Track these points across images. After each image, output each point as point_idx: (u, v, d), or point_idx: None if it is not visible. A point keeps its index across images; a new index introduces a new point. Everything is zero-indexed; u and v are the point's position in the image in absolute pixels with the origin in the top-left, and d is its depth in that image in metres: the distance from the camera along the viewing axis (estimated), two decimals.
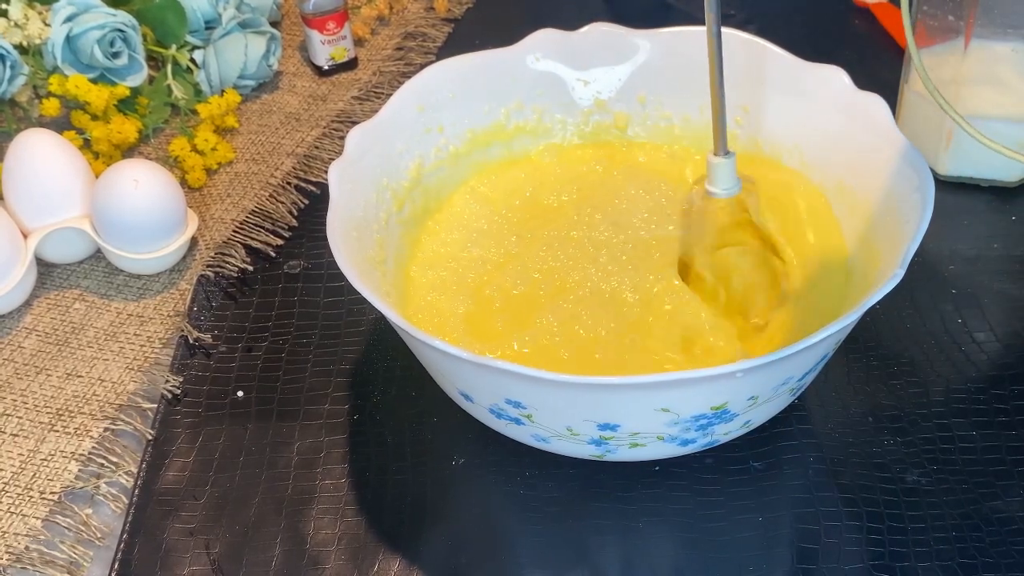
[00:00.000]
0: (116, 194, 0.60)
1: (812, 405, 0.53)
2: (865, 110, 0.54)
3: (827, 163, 0.56)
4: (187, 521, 0.50)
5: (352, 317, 0.60)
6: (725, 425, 0.46)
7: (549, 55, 0.60)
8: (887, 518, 0.48)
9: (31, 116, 0.74)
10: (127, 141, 0.71)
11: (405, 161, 0.57)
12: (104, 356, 0.59)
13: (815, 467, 0.50)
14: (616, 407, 0.44)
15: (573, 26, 0.60)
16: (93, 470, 0.53)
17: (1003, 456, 0.50)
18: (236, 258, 0.65)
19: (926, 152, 0.65)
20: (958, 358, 0.55)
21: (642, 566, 0.47)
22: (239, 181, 0.71)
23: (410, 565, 0.48)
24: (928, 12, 0.63)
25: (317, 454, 0.53)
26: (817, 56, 0.57)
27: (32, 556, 0.49)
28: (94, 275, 0.64)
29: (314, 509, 0.50)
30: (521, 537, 0.48)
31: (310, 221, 0.68)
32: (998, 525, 0.47)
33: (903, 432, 0.52)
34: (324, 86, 0.81)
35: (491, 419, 0.48)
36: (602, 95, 0.62)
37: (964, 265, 0.61)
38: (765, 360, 0.41)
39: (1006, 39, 0.61)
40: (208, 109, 0.73)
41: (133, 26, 0.73)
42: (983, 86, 0.63)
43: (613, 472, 0.50)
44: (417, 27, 0.88)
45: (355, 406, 0.55)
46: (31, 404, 0.56)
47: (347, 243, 0.49)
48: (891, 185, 0.51)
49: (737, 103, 0.60)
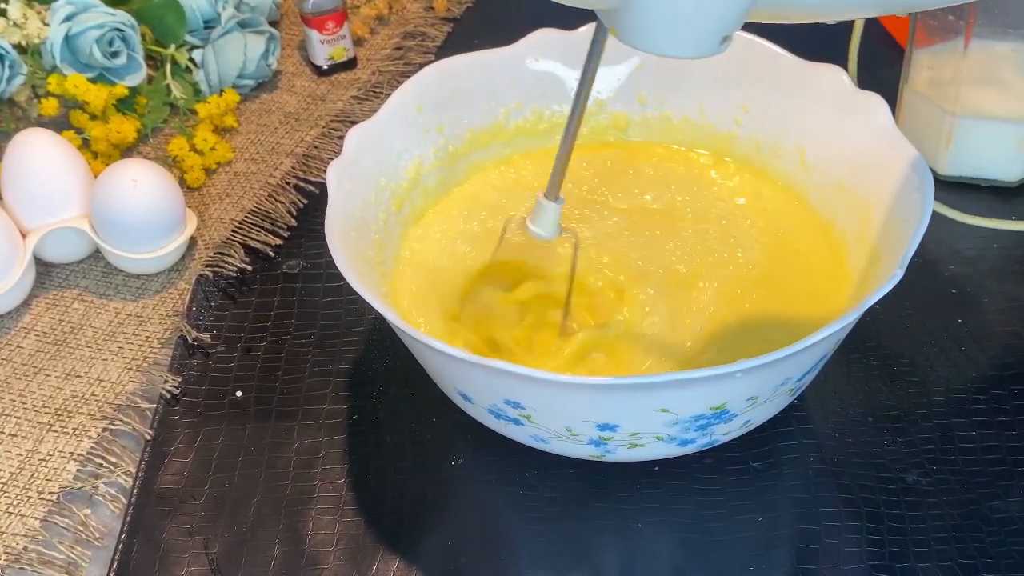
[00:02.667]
0: (115, 194, 0.60)
1: (812, 405, 0.53)
2: (865, 110, 0.54)
3: (827, 163, 0.56)
4: (186, 521, 0.50)
5: (351, 317, 0.60)
6: (724, 425, 0.46)
7: (548, 55, 0.60)
8: (887, 518, 0.48)
9: (30, 116, 0.74)
10: (126, 141, 0.71)
11: (404, 161, 0.57)
12: (103, 356, 0.59)
13: (815, 467, 0.50)
14: (615, 407, 0.44)
15: (573, 26, 0.60)
16: (92, 470, 0.53)
17: (1003, 456, 0.50)
18: (235, 258, 0.65)
19: (926, 152, 0.65)
20: (958, 358, 0.55)
21: (641, 566, 0.47)
22: (238, 181, 0.71)
23: (409, 565, 0.48)
24: (928, 12, 0.63)
25: (316, 454, 0.53)
26: (817, 56, 0.57)
27: (30, 556, 0.49)
28: (93, 275, 0.64)
29: (313, 509, 0.50)
30: (520, 537, 0.48)
31: (309, 221, 0.68)
32: (998, 525, 0.47)
33: (903, 432, 0.52)
34: (323, 86, 0.81)
35: (490, 419, 0.48)
36: (602, 95, 0.62)
37: (964, 265, 0.61)
38: (764, 360, 0.41)
39: (1006, 39, 0.61)
40: (207, 109, 0.73)
41: (132, 25, 0.73)
42: (983, 86, 0.63)
43: (612, 472, 0.50)
44: (416, 27, 0.88)
45: (354, 406, 0.55)
46: (29, 404, 0.56)
47: (346, 243, 0.49)
48: (891, 185, 0.51)
49: (737, 103, 0.60)
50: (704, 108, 0.61)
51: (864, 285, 0.50)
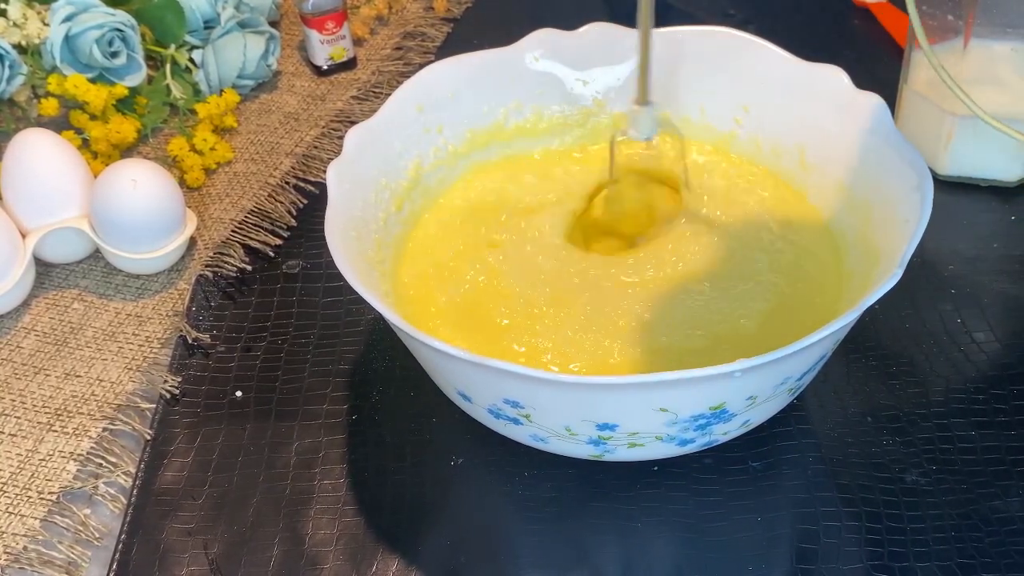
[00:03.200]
0: (115, 194, 0.60)
1: (811, 405, 0.53)
2: (865, 110, 0.54)
3: (827, 163, 0.56)
4: (186, 521, 0.50)
5: (351, 317, 0.60)
6: (724, 425, 0.46)
7: (548, 55, 0.60)
8: (886, 518, 0.48)
9: (30, 116, 0.74)
10: (126, 141, 0.71)
11: (404, 161, 0.57)
12: (103, 356, 0.59)
13: (814, 467, 0.50)
14: (614, 407, 0.44)
15: (572, 26, 0.60)
16: (91, 470, 0.53)
17: (1003, 456, 0.50)
18: (235, 258, 0.65)
19: (926, 152, 0.65)
20: (958, 358, 0.55)
21: (641, 566, 0.47)
22: (238, 181, 0.71)
23: (409, 565, 0.48)
24: (928, 12, 0.63)
25: (316, 454, 0.53)
26: (817, 56, 0.57)
27: (30, 556, 0.49)
28: (93, 275, 0.64)
29: (313, 509, 0.50)
30: (520, 537, 0.48)
31: (309, 221, 0.68)
32: (998, 525, 0.47)
33: (902, 432, 0.52)
34: (323, 86, 0.81)
35: (490, 419, 0.48)
36: (601, 95, 0.62)
37: (964, 265, 0.61)
38: (764, 360, 0.41)
39: (1006, 39, 0.61)
40: (207, 109, 0.73)
41: (132, 26, 0.73)
42: (983, 86, 0.63)
43: (612, 472, 0.50)
44: (416, 27, 0.88)
45: (354, 406, 0.55)
46: (29, 404, 0.56)
47: (346, 243, 0.49)
48: (891, 185, 0.51)
49: (737, 103, 0.60)
50: (704, 108, 0.61)
51: (864, 285, 0.50)
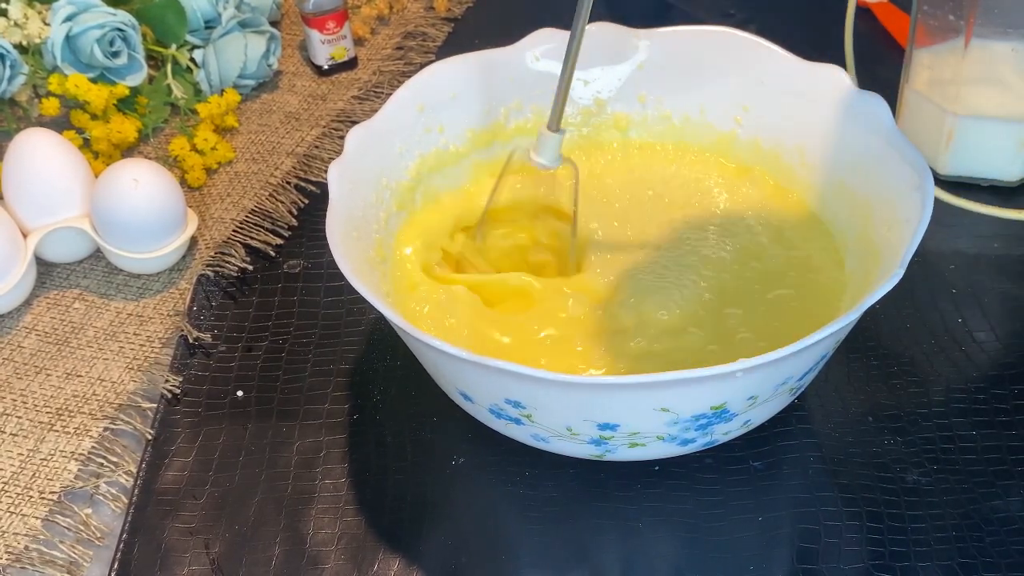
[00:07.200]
0: (116, 193, 0.60)
1: (812, 405, 0.53)
2: (865, 110, 0.54)
3: (827, 163, 0.56)
4: (187, 521, 0.50)
5: (352, 317, 0.60)
6: (725, 425, 0.46)
7: (549, 55, 0.60)
8: (887, 518, 0.48)
9: (31, 115, 0.74)
10: (127, 141, 0.71)
11: (405, 161, 0.57)
12: (104, 356, 0.59)
13: (815, 467, 0.50)
14: (615, 407, 0.44)
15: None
16: (93, 470, 0.53)
17: (1003, 456, 0.50)
18: (236, 257, 0.65)
19: (926, 152, 0.65)
20: (958, 358, 0.55)
21: (642, 566, 0.47)
22: (239, 180, 0.71)
23: (410, 565, 0.48)
24: (928, 12, 0.63)
25: (317, 454, 0.53)
26: (817, 56, 0.57)
27: (32, 556, 0.49)
28: (94, 275, 0.64)
29: (314, 509, 0.50)
30: (521, 537, 0.48)
31: (310, 221, 0.68)
32: (998, 525, 0.47)
33: (903, 432, 0.52)
34: (324, 86, 0.81)
35: (491, 419, 0.48)
36: (602, 95, 0.62)
37: (964, 265, 0.61)
38: (764, 360, 0.41)
39: (1006, 39, 0.61)
40: (208, 108, 0.73)
41: (133, 25, 0.73)
42: (983, 86, 0.63)
43: (613, 472, 0.50)
44: (417, 26, 0.88)
45: (355, 406, 0.55)
46: (31, 404, 0.56)
47: (347, 243, 0.49)
48: (891, 185, 0.51)
49: (737, 103, 0.60)
50: (704, 108, 0.61)
51: (864, 285, 0.50)
